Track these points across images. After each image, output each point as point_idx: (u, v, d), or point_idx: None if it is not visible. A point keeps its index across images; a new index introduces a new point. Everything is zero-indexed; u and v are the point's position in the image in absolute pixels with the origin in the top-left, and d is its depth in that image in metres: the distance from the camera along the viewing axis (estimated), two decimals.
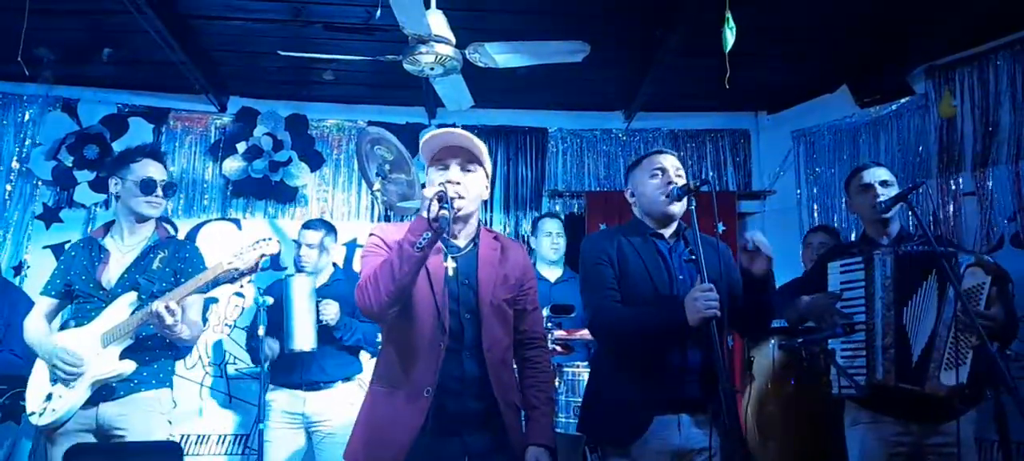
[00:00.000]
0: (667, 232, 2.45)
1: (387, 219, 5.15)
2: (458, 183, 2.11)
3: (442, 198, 1.93)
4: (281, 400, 3.81)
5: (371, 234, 2.21)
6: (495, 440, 2.11)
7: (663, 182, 2.41)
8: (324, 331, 3.72)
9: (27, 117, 5.04)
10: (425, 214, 1.93)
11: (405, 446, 1.99)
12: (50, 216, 4.97)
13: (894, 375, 2.56)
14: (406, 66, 3.52)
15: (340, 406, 3.82)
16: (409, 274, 1.97)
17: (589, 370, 2.64)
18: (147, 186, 2.82)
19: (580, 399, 3.27)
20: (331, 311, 3.73)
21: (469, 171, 2.16)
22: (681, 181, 2.41)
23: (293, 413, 3.79)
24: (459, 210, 2.08)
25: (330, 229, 4.14)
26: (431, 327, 2.07)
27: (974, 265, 2.57)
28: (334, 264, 4.18)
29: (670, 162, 2.46)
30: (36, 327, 2.81)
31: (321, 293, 3.80)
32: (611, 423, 2.33)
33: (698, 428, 2.26)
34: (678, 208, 2.39)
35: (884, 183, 2.82)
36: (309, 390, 3.78)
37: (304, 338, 3.63)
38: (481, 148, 2.19)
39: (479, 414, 2.10)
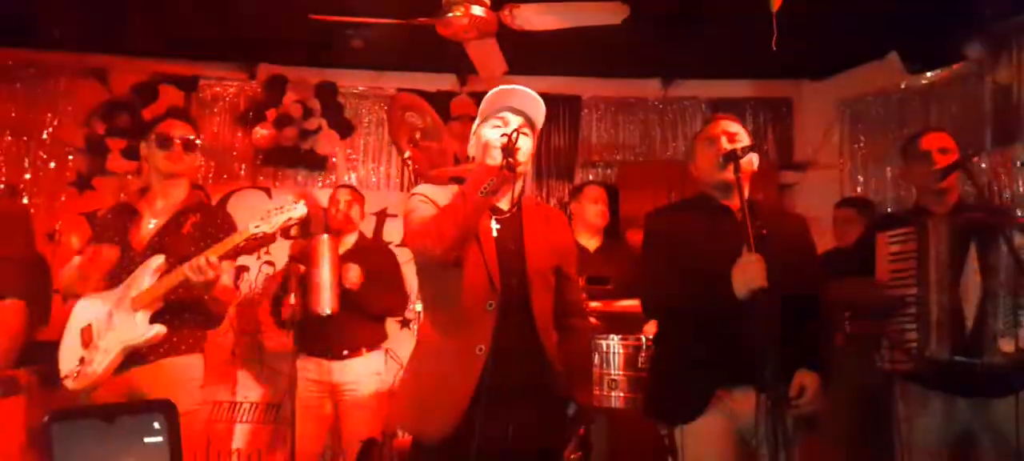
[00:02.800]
0: (734, 204, 2.34)
1: None
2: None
3: (508, 149, 1.96)
4: (310, 369, 3.80)
5: (415, 193, 2.17)
6: (538, 408, 2.06)
7: (713, 152, 2.35)
8: (349, 299, 3.67)
9: (61, 85, 5.05)
10: (489, 161, 2.00)
11: (456, 414, 1.95)
12: (83, 183, 4.98)
13: (949, 348, 2.47)
14: (440, 30, 3.44)
15: (366, 374, 3.81)
16: (473, 218, 1.95)
17: (653, 348, 2.63)
18: (162, 141, 2.79)
19: (616, 372, 3.22)
20: (353, 275, 3.68)
21: (524, 135, 2.08)
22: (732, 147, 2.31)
23: (321, 382, 3.79)
24: (519, 165, 2.02)
25: (360, 197, 4.10)
26: (481, 287, 2.02)
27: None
28: (358, 233, 4.13)
29: (721, 128, 2.38)
30: (70, 271, 2.79)
31: (343, 260, 3.74)
32: (672, 400, 2.32)
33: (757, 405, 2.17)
34: (732, 175, 2.27)
35: (943, 150, 2.69)
36: (335, 359, 3.76)
37: (326, 300, 3.57)
38: (541, 119, 2.18)
39: (523, 382, 2.04)
